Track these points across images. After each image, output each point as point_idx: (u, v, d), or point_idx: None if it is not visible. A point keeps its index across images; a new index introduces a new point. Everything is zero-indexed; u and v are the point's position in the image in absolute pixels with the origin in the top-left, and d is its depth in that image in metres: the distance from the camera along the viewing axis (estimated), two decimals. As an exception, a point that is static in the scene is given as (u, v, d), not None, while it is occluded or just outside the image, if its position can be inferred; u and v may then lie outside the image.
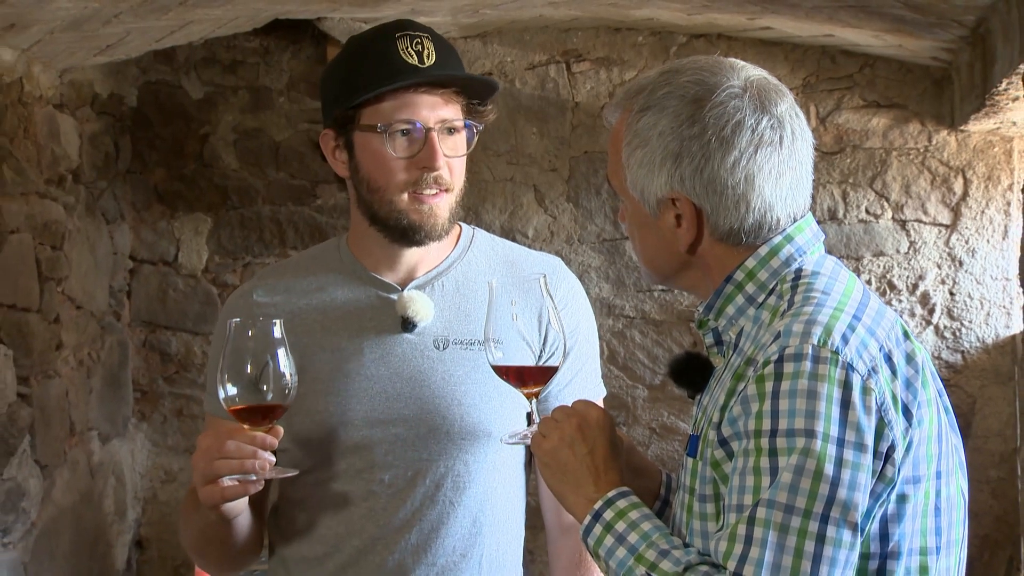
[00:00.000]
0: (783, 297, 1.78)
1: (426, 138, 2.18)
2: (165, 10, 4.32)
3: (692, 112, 1.79)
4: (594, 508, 1.80)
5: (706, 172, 1.78)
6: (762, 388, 1.67)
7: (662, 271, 1.89)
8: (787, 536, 1.63)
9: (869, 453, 1.65)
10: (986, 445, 4.91)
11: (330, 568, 2.22)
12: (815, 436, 1.64)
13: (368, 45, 2.23)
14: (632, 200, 1.86)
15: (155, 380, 5.41)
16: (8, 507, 4.45)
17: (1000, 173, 4.97)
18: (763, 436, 1.66)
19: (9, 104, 4.51)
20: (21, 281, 4.55)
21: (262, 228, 5.37)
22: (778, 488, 1.64)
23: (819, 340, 1.67)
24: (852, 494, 1.63)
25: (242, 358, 2.03)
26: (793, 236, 1.81)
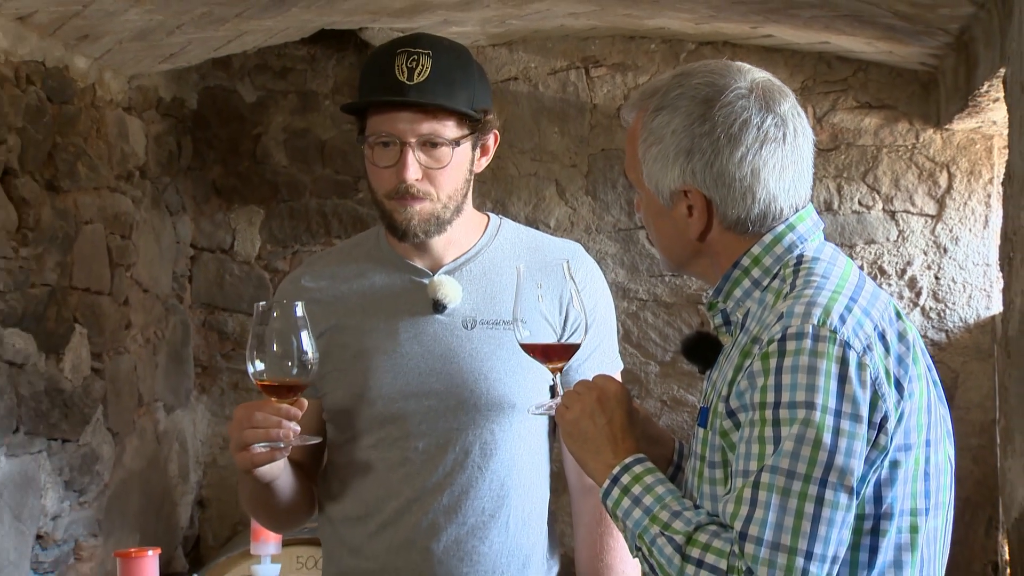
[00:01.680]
0: (786, 280, 1.77)
1: (401, 151, 2.18)
2: (222, 22, 4.33)
3: (703, 111, 1.78)
4: (612, 473, 1.79)
5: (715, 166, 1.77)
6: (766, 364, 1.67)
7: (676, 258, 1.89)
8: (788, 499, 1.63)
9: (864, 423, 1.65)
10: (967, 416, 4.89)
11: (371, 527, 2.22)
12: (815, 408, 1.64)
13: (376, 58, 2.23)
14: (647, 192, 1.85)
15: (214, 356, 5.43)
16: (84, 470, 4.48)
17: (981, 168, 4.96)
18: (767, 408, 1.66)
19: (83, 107, 4.53)
20: (94, 267, 4.57)
21: (309, 219, 5.38)
22: (780, 455, 1.64)
23: (819, 320, 1.67)
24: (848, 460, 1.63)
25: (268, 337, 2.04)
26: (795, 225, 1.81)
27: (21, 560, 4.11)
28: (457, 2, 4.37)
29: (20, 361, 4.09)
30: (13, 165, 4.06)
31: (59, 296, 4.32)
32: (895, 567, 1.72)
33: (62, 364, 4.35)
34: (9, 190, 4.06)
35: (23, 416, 4.10)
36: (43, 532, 4.25)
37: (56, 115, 4.34)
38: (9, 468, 4.02)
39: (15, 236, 4.06)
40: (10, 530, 4.04)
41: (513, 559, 2.23)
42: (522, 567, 2.23)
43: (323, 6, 4.32)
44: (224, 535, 5.35)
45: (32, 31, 4.13)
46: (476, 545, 2.21)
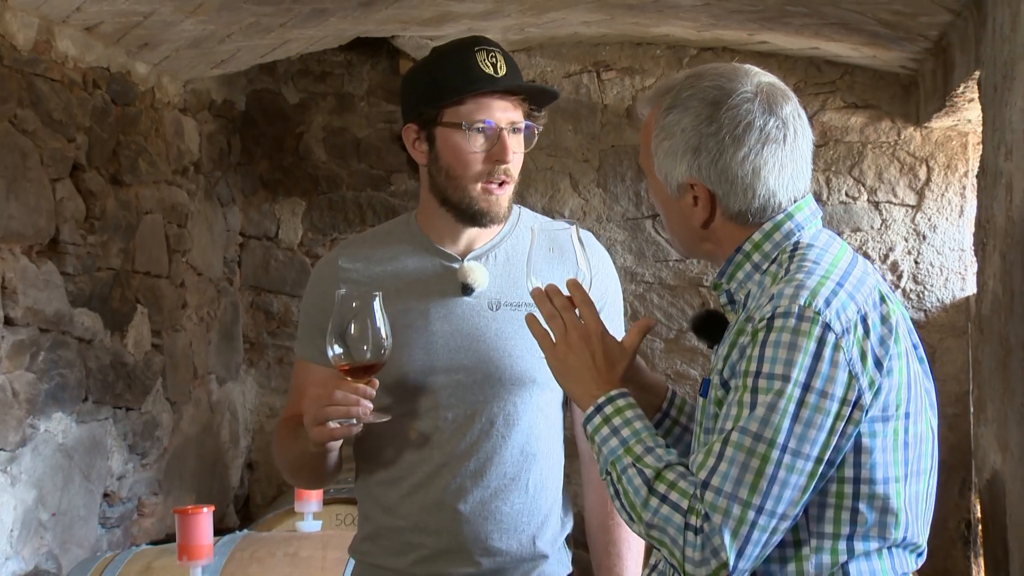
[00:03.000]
0: (782, 265, 1.77)
1: (499, 136, 2.17)
2: (268, 31, 4.34)
3: (710, 113, 1.77)
4: (597, 401, 1.80)
5: (720, 164, 1.77)
6: (755, 339, 1.68)
7: (685, 243, 1.89)
8: (751, 458, 1.64)
9: (832, 400, 1.66)
10: (944, 387, 4.88)
11: (404, 489, 2.23)
12: (788, 381, 1.65)
13: (451, 55, 2.20)
14: (657, 182, 1.85)
15: (261, 334, 5.45)
16: (145, 435, 4.51)
17: (957, 162, 4.94)
18: (749, 376, 1.67)
19: (144, 109, 4.55)
20: (154, 253, 4.60)
21: (346, 209, 5.40)
22: (751, 419, 1.65)
23: (805, 301, 1.67)
24: (807, 431, 1.64)
25: (347, 322, 2.03)
26: (793, 214, 1.80)
27: (90, 516, 4.15)
28: (481, 12, 4.37)
29: (88, 337, 4.12)
30: (81, 161, 4.09)
31: (123, 279, 4.35)
32: (879, 527, 1.73)
33: (126, 340, 4.38)
34: (78, 183, 4.08)
35: (91, 387, 4.13)
36: (110, 491, 4.28)
37: (119, 116, 4.36)
38: (79, 433, 4.06)
39: (83, 225, 4.09)
40: (80, 489, 4.08)
41: (533, 518, 2.23)
42: (541, 525, 2.24)
43: (358, 17, 4.32)
44: (271, 494, 5.38)
45: (98, 40, 4.15)
46: (499, 506, 2.21)
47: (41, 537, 3.83)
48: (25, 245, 3.76)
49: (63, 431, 3.96)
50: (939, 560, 4.82)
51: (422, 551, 2.21)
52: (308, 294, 2.34)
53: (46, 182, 3.87)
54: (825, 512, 1.71)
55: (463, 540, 2.19)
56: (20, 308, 3.70)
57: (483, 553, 2.20)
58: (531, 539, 2.23)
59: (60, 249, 3.94)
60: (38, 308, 3.80)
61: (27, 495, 3.75)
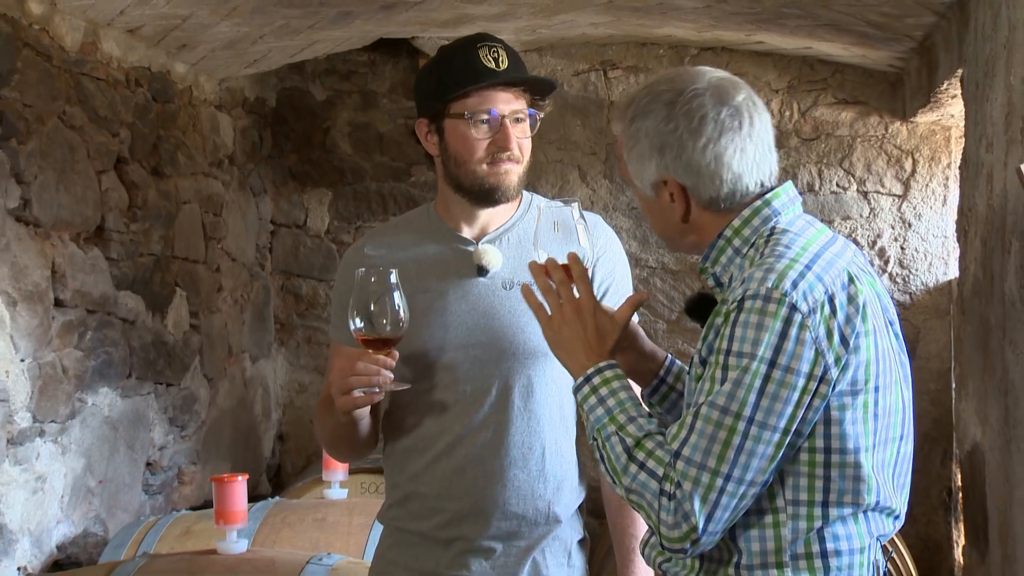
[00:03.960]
0: (758, 250, 1.78)
1: (501, 125, 2.18)
2: (297, 33, 4.34)
3: (668, 112, 1.79)
4: (586, 372, 1.82)
5: (684, 157, 1.78)
6: (727, 319, 1.70)
7: (671, 239, 1.90)
8: (719, 430, 1.67)
9: (799, 375, 1.66)
10: (927, 364, 4.89)
11: (428, 457, 2.23)
12: (755, 358, 1.66)
13: (456, 53, 2.22)
14: (636, 188, 1.87)
15: (290, 315, 5.47)
16: (184, 409, 4.54)
17: (941, 155, 4.93)
18: (721, 354, 1.69)
19: (182, 106, 4.56)
20: (191, 240, 4.61)
21: (370, 199, 5.40)
22: (720, 393, 1.67)
23: (772, 284, 1.68)
24: (773, 404, 1.66)
25: (367, 299, 2.04)
26: (771, 201, 1.81)
27: (134, 483, 4.18)
28: (495, 14, 4.37)
29: (131, 318, 4.13)
30: (125, 154, 4.10)
31: (163, 264, 4.36)
32: (852, 493, 1.73)
33: (166, 321, 4.40)
34: (121, 175, 4.09)
35: (134, 364, 4.15)
36: (152, 460, 4.31)
37: (160, 112, 4.37)
38: (123, 407, 4.08)
39: (127, 214, 4.11)
40: (125, 458, 4.10)
41: (548, 485, 2.23)
42: (555, 491, 2.24)
43: (381, 19, 4.32)
44: (300, 464, 5.40)
45: (140, 42, 4.16)
46: (516, 473, 2.21)
47: (89, 502, 3.86)
48: (73, 232, 3.78)
49: (109, 405, 3.98)
50: (922, 526, 4.83)
51: (444, 515, 2.22)
52: (338, 281, 2.35)
53: (92, 174, 3.88)
54: (799, 480, 1.72)
55: (483, 505, 2.20)
56: (69, 291, 3.72)
57: (501, 517, 2.21)
58: (547, 504, 2.23)
59: (105, 236, 3.96)
60: (85, 291, 3.82)
61: (76, 464, 3.78)
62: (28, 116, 3.50)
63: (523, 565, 2.22)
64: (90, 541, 3.82)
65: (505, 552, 2.22)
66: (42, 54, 3.58)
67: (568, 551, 2.28)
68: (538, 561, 2.23)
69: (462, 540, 2.21)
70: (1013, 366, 2.87)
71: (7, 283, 3.41)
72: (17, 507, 3.46)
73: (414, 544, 2.25)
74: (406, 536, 2.26)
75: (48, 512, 3.62)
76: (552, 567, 2.24)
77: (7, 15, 3.41)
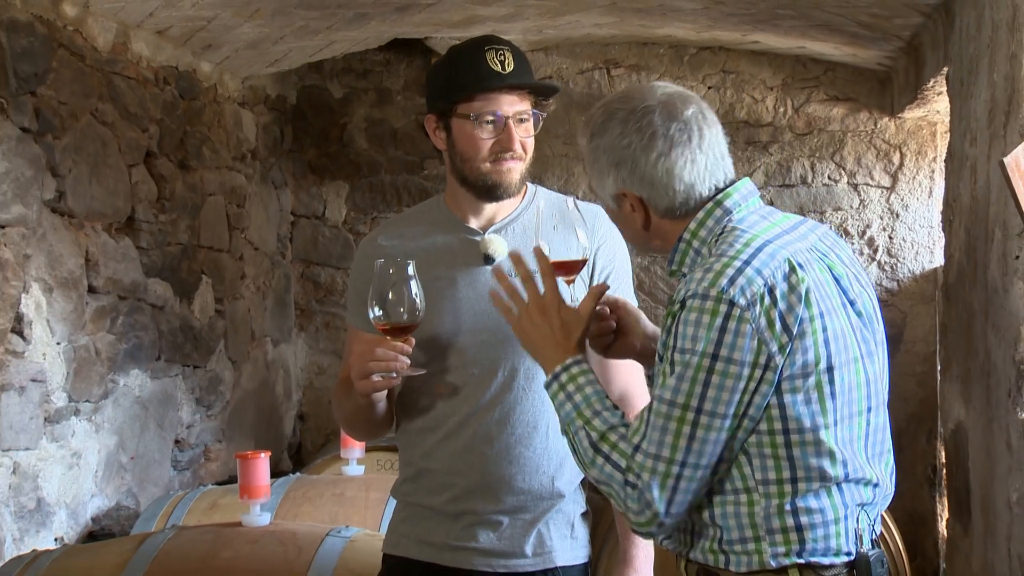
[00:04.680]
0: (711, 252, 1.80)
1: (505, 126, 2.18)
2: (316, 33, 4.35)
3: (621, 130, 1.81)
4: (554, 370, 1.84)
5: (638, 171, 1.80)
6: (672, 319, 1.73)
7: (638, 244, 1.92)
8: (670, 421, 1.70)
9: (739, 365, 1.68)
10: (913, 348, 4.89)
11: (438, 436, 2.24)
12: (695, 353, 1.69)
13: (464, 54, 2.20)
14: (601, 200, 1.90)
15: (310, 301, 5.48)
16: (210, 390, 4.55)
17: (927, 149, 4.92)
18: (668, 350, 1.72)
19: (207, 103, 4.56)
20: (216, 230, 4.62)
21: (385, 191, 5.40)
22: (667, 388, 1.70)
23: (709, 283, 1.70)
24: (719, 393, 1.68)
25: (385, 289, 2.04)
26: (722, 201, 1.81)
27: (164, 459, 4.20)
28: (504, 15, 4.36)
29: (160, 304, 4.15)
30: (153, 149, 4.11)
31: (190, 252, 4.38)
32: (819, 471, 1.74)
33: (192, 306, 4.41)
34: (151, 168, 4.10)
35: (163, 347, 4.17)
36: (180, 438, 4.32)
37: (186, 109, 4.38)
38: (153, 388, 4.10)
39: (156, 205, 4.12)
40: (155, 436, 4.12)
41: (551, 461, 2.23)
42: (558, 467, 2.24)
43: (396, 20, 4.32)
44: (319, 442, 5.41)
45: (168, 42, 4.16)
46: (521, 451, 2.21)
47: (122, 477, 3.88)
48: (105, 223, 3.79)
49: (139, 385, 4.00)
50: (908, 500, 4.83)
51: (454, 490, 2.22)
52: (354, 270, 2.35)
53: (123, 167, 3.90)
54: (766, 462, 1.73)
55: (490, 480, 2.20)
56: (102, 278, 3.74)
57: (508, 492, 2.21)
58: (550, 480, 2.23)
59: (135, 226, 3.97)
60: (117, 278, 3.83)
61: (109, 441, 3.80)
62: (63, 113, 3.52)
63: (528, 536, 2.23)
64: (122, 514, 3.84)
65: (511, 524, 2.22)
66: (76, 54, 3.59)
67: (571, 523, 2.28)
68: (542, 533, 2.24)
69: (471, 514, 2.22)
70: (995, 349, 2.87)
71: (44, 271, 3.42)
72: (54, 481, 3.49)
73: (426, 517, 2.25)
74: (418, 510, 2.27)
75: (83, 486, 3.64)
76: (556, 538, 2.25)
77: (43, 17, 3.42)
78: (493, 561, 2.21)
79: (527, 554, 2.22)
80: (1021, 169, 2.39)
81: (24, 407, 3.32)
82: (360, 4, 3.98)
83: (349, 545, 2.78)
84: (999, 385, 2.82)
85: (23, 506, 3.34)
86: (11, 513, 3.28)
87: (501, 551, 2.21)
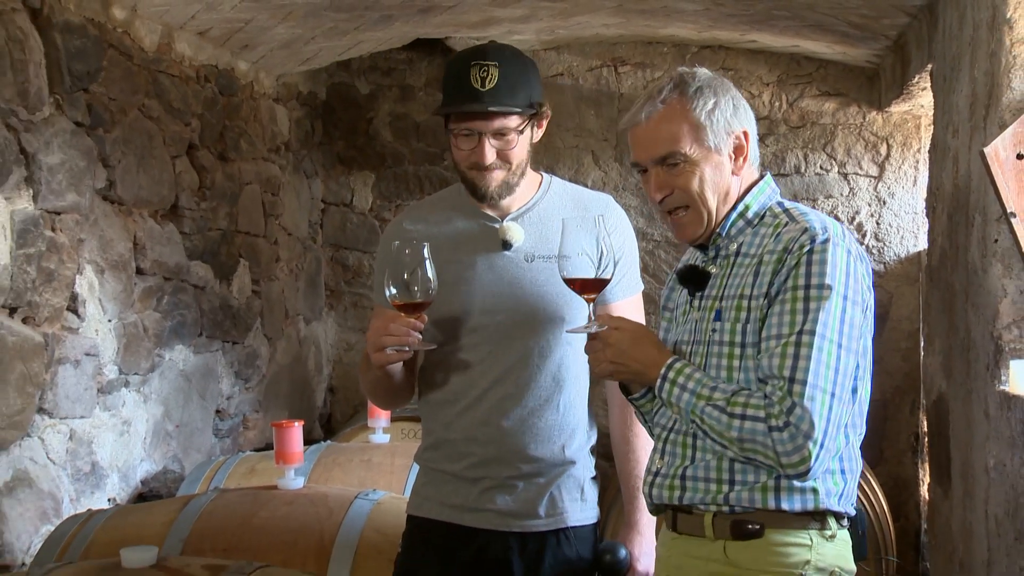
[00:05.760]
0: (778, 218, 1.83)
1: (479, 142, 2.16)
2: (344, 34, 4.34)
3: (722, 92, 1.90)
4: (661, 372, 1.83)
5: (739, 113, 1.91)
6: (800, 260, 1.73)
7: (717, 207, 1.88)
8: (821, 353, 1.69)
9: (859, 306, 1.72)
10: (899, 325, 4.87)
11: (458, 408, 2.25)
12: (833, 289, 1.70)
13: (455, 67, 2.18)
14: (705, 150, 1.86)
15: (339, 283, 5.49)
16: (248, 364, 4.57)
17: (912, 140, 4.89)
18: (799, 289, 1.71)
19: (244, 99, 4.57)
20: (253, 216, 4.63)
21: (408, 181, 5.40)
22: (814, 322, 1.69)
23: (833, 231, 1.75)
24: (852, 330, 1.71)
25: (401, 269, 2.04)
26: (770, 182, 1.90)
27: (206, 427, 4.23)
28: (518, 17, 4.35)
29: (202, 285, 4.16)
30: (195, 141, 4.12)
31: (228, 237, 4.38)
32: (860, 424, 1.78)
33: (231, 287, 4.42)
34: (193, 160, 4.11)
35: (204, 324, 4.19)
36: (220, 408, 4.34)
37: (225, 105, 4.38)
38: (196, 362, 4.12)
39: (197, 193, 4.13)
40: (198, 406, 4.15)
41: (563, 431, 2.25)
42: (569, 436, 2.26)
43: (418, 22, 4.31)
44: (348, 413, 5.43)
45: (208, 43, 4.17)
46: (535, 422, 2.23)
47: (168, 444, 3.91)
48: (151, 210, 3.81)
49: (183, 360, 4.02)
50: (892, 466, 4.83)
51: (472, 458, 2.23)
52: (380, 252, 2.35)
53: (168, 159, 3.91)
54: None
55: (506, 449, 2.22)
56: (148, 260, 3.76)
57: (523, 460, 2.22)
58: (561, 448, 2.24)
59: (179, 213, 3.98)
60: (162, 260, 3.85)
61: (156, 411, 3.83)
62: (113, 108, 3.53)
63: (541, 499, 2.24)
64: (169, 477, 3.87)
65: (526, 488, 2.23)
66: (124, 54, 3.60)
67: (581, 487, 2.29)
68: (555, 496, 2.25)
69: (488, 479, 2.23)
70: (974, 326, 2.87)
71: (96, 254, 3.44)
72: (107, 447, 3.52)
73: (446, 482, 2.27)
74: (439, 475, 2.28)
75: (133, 452, 3.67)
76: (567, 501, 2.26)
77: (95, 20, 3.43)
78: (509, 521, 2.23)
79: (540, 515, 2.23)
80: (1000, 159, 2.38)
81: (79, 379, 3.34)
82: (385, 6, 3.98)
83: (376, 507, 2.79)
84: (978, 359, 2.81)
85: (79, 469, 3.37)
86: (68, 476, 3.32)
87: (516, 512, 2.23)
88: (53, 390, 3.21)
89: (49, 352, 3.19)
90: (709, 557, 1.79)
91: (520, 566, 2.22)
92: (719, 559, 1.77)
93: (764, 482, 1.75)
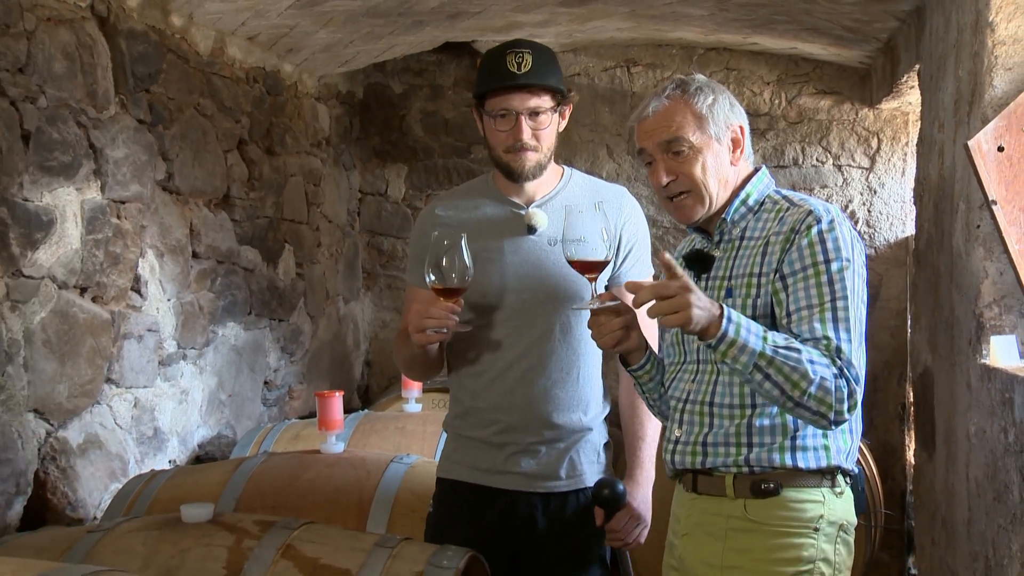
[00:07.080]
0: (778, 204, 1.85)
1: (516, 120, 2.16)
2: (380, 38, 4.34)
3: (718, 93, 1.95)
4: (726, 313, 1.69)
5: (735, 110, 1.99)
6: (812, 239, 1.75)
7: (720, 190, 1.90)
8: (856, 313, 1.72)
9: (860, 276, 1.76)
10: (888, 305, 4.85)
11: (485, 379, 2.26)
12: (851, 260, 1.74)
13: (491, 57, 2.20)
14: (708, 139, 1.88)
15: (375, 266, 5.50)
16: (293, 339, 4.59)
17: (901, 135, 4.86)
18: (820, 264, 1.74)
19: (289, 98, 4.57)
20: (297, 205, 4.64)
21: (437, 173, 5.40)
22: (842, 289, 1.72)
23: (835, 212, 1.78)
24: (865, 294, 1.75)
25: (440, 256, 2.04)
26: (767, 172, 1.94)
27: (255, 397, 4.26)
28: (539, 22, 4.34)
29: (251, 268, 4.18)
30: (245, 137, 4.13)
31: (275, 224, 4.40)
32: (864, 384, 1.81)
33: (277, 270, 4.44)
34: (243, 154, 4.13)
35: (253, 304, 4.21)
36: (268, 379, 4.37)
37: (272, 103, 4.39)
38: (246, 337, 4.15)
39: (247, 184, 4.15)
40: (248, 378, 4.18)
41: (581, 401, 2.26)
42: (587, 406, 2.27)
43: (447, 27, 4.30)
44: (383, 385, 5.45)
45: (257, 47, 4.18)
46: (556, 392, 2.24)
47: (221, 412, 3.95)
48: (206, 199, 3.83)
49: (234, 335, 4.05)
50: (881, 434, 4.82)
51: (499, 425, 2.25)
52: (414, 236, 2.36)
53: (220, 153, 3.93)
54: None
55: (530, 417, 2.23)
56: (203, 245, 3.78)
57: (544, 427, 2.24)
58: (579, 416, 2.26)
59: (230, 202, 4.00)
60: (215, 245, 3.87)
61: (211, 381, 3.86)
62: (171, 107, 3.55)
63: (562, 462, 2.26)
64: (223, 442, 3.91)
65: (548, 452, 2.25)
66: (181, 57, 3.62)
67: (597, 451, 2.31)
68: (574, 459, 2.27)
69: (513, 444, 2.25)
70: (958, 305, 2.86)
71: (157, 239, 3.47)
72: (168, 414, 3.56)
73: (474, 447, 2.28)
74: (467, 441, 2.30)
75: (190, 418, 3.71)
76: (585, 463, 2.28)
77: (155, 27, 3.45)
78: (533, 483, 2.24)
79: (561, 477, 2.25)
80: (983, 151, 2.37)
81: (142, 352, 3.38)
82: (417, 13, 3.97)
83: (410, 470, 2.81)
84: (961, 335, 2.81)
85: (143, 434, 3.41)
86: (133, 439, 3.36)
87: (539, 474, 2.24)
88: (119, 362, 3.25)
89: (115, 328, 3.22)
90: (730, 514, 1.79)
91: (544, 523, 2.24)
92: (740, 515, 1.78)
93: (780, 442, 1.76)
